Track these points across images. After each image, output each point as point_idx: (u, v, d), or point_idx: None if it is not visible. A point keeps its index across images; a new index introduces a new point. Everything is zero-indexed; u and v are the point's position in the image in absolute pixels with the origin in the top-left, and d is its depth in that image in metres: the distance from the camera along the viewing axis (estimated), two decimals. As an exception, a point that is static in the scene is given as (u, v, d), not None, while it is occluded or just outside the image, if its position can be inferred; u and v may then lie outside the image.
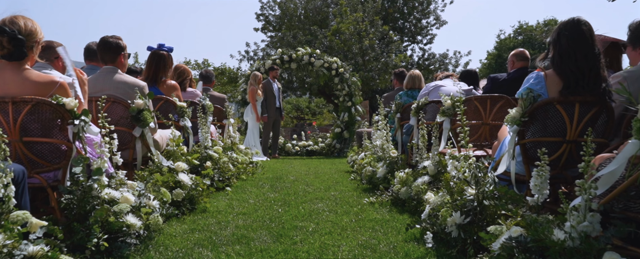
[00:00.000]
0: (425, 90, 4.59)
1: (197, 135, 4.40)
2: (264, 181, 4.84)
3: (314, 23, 24.41)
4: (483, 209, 2.27)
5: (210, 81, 6.04)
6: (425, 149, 3.57)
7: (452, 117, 3.36)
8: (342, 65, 9.86)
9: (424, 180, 3.25)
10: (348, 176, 5.34)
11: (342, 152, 9.81)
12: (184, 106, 3.98)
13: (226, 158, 4.29)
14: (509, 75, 4.24)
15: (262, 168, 5.77)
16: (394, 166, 4.08)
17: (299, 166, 7.03)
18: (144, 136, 3.16)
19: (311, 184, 4.68)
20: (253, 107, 8.60)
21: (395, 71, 6.01)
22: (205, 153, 4.07)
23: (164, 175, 3.07)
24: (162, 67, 4.06)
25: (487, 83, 4.34)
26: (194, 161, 3.57)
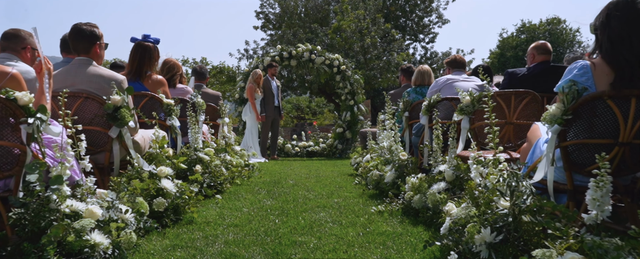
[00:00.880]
0: (435, 86, 4.20)
1: (186, 136, 4.01)
2: (261, 185, 4.45)
3: (315, 21, 24.02)
4: (519, 226, 1.88)
5: (204, 77, 5.66)
6: (440, 151, 3.18)
7: (471, 116, 2.97)
8: (344, 62, 9.48)
9: (440, 187, 2.87)
10: (352, 180, 4.95)
11: (344, 153, 9.42)
12: (172, 104, 3.60)
13: (218, 161, 3.91)
14: (529, 70, 3.85)
15: (259, 171, 5.39)
16: (404, 170, 3.70)
17: (299, 168, 6.64)
18: (122, 137, 2.77)
19: (312, 189, 4.29)
20: (252, 106, 8.21)
21: (402, 67, 5.61)
22: (194, 156, 3.69)
23: (144, 182, 2.69)
24: (147, 60, 3.68)
25: (504, 79, 3.95)
26: (181, 164, 3.19)
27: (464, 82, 4.04)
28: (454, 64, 4.48)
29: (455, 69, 4.45)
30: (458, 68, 4.45)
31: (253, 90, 8.10)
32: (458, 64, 4.47)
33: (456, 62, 4.47)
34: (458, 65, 4.48)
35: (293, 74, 21.20)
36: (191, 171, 3.58)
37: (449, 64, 4.52)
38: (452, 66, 4.50)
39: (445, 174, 2.85)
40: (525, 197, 1.86)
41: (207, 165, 3.75)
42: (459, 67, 4.46)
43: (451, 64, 4.50)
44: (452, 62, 4.50)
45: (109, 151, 2.78)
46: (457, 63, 4.46)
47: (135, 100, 3.56)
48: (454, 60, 4.50)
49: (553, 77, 3.71)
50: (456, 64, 4.47)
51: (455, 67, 4.46)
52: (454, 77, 4.17)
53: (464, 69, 4.46)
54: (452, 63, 4.50)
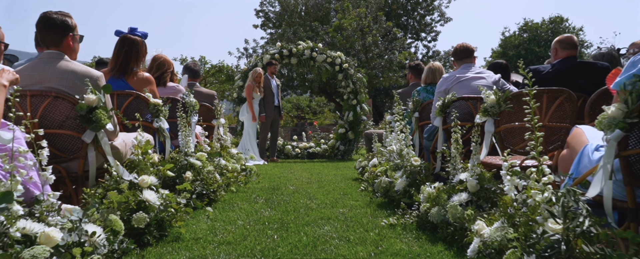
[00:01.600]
0: (443, 83, 3.81)
1: (177, 139, 3.66)
2: (258, 192, 4.09)
3: (315, 19, 23.65)
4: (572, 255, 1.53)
5: (198, 75, 5.29)
6: (459, 157, 2.82)
7: (496, 118, 2.61)
8: (347, 60, 9.11)
9: (461, 199, 2.51)
10: (357, 186, 4.59)
11: (346, 154, 9.06)
12: (159, 104, 3.24)
13: (211, 167, 3.55)
14: (553, 66, 3.49)
15: (257, 175, 5.03)
16: (417, 177, 3.34)
17: (300, 171, 6.28)
18: (98, 142, 2.42)
19: (314, 196, 3.94)
20: (249, 106, 7.86)
21: (411, 64, 5.25)
22: (185, 161, 3.33)
23: (122, 193, 2.33)
24: (134, 55, 3.32)
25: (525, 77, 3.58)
26: (168, 172, 2.83)
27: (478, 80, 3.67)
28: (460, 55, 3.94)
29: (463, 61, 3.93)
30: (466, 58, 3.93)
31: (252, 89, 7.75)
32: (465, 54, 3.93)
33: (462, 51, 3.93)
34: (465, 54, 3.93)
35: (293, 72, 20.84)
36: (181, 179, 3.22)
37: (455, 55, 3.99)
38: (459, 57, 3.95)
39: (468, 185, 2.50)
40: (581, 219, 1.50)
41: (198, 171, 3.39)
42: (466, 56, 3.92)
43: (458, 55, 3.96)
44: (458, 52, 3.95)
45: (83, 158, 2.42)
46: (463, 53, 3.93)
47: (118, 99, 3.21)
48: (459, 50, 3.95)
49: (581, 75, 3.35)
50: (463, 54, 3.93)
51: (463, 58, 3.93)
52: (463, 73, 3.78)
53: (472, 59, 3.95)
54: (459, 53, 3.95)
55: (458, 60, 3.97)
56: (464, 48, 3.92)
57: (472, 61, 3.88)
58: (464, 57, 3.94)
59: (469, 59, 3.92)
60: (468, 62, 3.92)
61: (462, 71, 3.81)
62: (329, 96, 24.87)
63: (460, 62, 3.94)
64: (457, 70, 3.87)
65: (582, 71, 3.40)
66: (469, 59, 3.93)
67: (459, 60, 3.94)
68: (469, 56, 3.93)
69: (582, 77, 3.36)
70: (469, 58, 3.91)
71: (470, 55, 3.91)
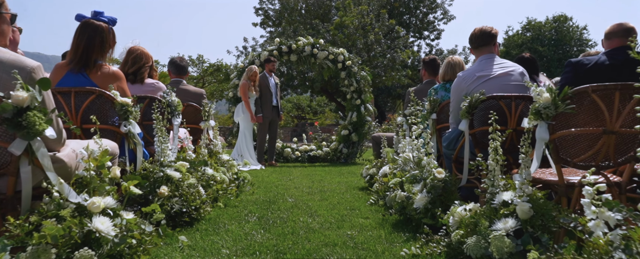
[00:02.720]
0: (462, 81, 3.16)
1: (153, 145, 3.08)
2: (251, 207, 3.51)
3: (316, 17, 23.07)
4: None
5: (184, 71, 4.70)
6: (499, 171, 2.24)
7: (550, 122, 2.03)
8: (350, 57, 8.53)
9: (507, 226, 1.93)
10: (365, 197, 4.01)
11: (349, 158, 8.48)
12: (128, 104, 2.66)
13: (194, 179, 2.97)
14: (600, 58, 2.90)
15: (252, 185, 4.45)
16: (441, 193, 2.76)
17: (300, 178, 5.70)
18: (34, 154, 1.84)
19: (317, 212, 3.36)
20: (245, 105, 7.28)
21: (425, 59, 4.67)
22: (159, 173, 2.75)
23: (63, 222, 1.75)
24: (97, 45, 2.74)
25: (566, 71, 3.00)
26: (133, 189, 2.25)
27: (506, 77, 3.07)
28: (479, 41, 3.21)
29: (482, 49, 3.23)
30: (485, 46, 3.22)
31: (246, 88, 7.17)
32: (485, 39, 3.19)
33: (481, 37, 3.19)
34: (485, 40, 3.20)
35: (293, 70, 20.24)
36: (156, 195, 2.64)
37: (473, 41, 3.27)
38: (477, 43, 3.23)
39: (518, 209, 1.91)
40: None
41: (177, 185, 2.81)
42: (486, 43, 3.21)
43: (476, 42, 3.24)
44: (477, 38, 3.22)
45: (13, 174, 1.84)
46: (482, 38, 3.19)
47: (77, 98, 2.63)
48: (477, 36, 3.22)
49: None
50: (482, 40, 3.20)
51: (482, 45, 3.22)
52: (484, 69, 3.14)
53: (493, 47, 3.23)
54: (477, 39, 3.22)
55: (476, 48, 3.28)
56: (483, 33, 3.22)
57: (493, 50, 3.23)
58: (482, 45, 3.23)
59: (490, 47, 3.23)
60: (488, 53, 3.24)
61: (482, 66, 3.16)
62: (330, 96, 24.29)
63: (478, 50, 3.27)
64: (475, 65, 3.23)
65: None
66: (488, 46, 3.23)
67: (478, 49, 3.27)
68: (489, 43, 3.22)
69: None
70: (489, 45, 3.22)
71: (491, 42, 3.22)
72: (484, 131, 3.01)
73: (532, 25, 39.14)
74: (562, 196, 2.10)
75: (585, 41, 37.77)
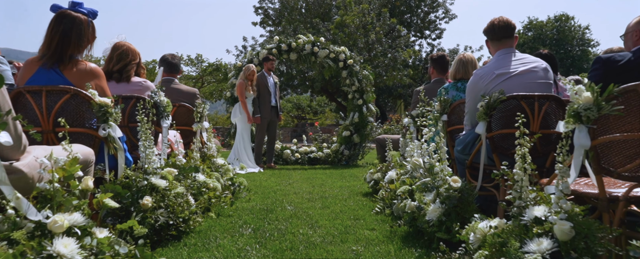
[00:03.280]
0: (479, 79, 2.86)
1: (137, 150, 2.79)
2: (247, 217, 3.22)
3: (316, 16, 22.78)
4: None
5: (176, 69, 4.40)
6: (528, 180, 1.95)
7: (591, 125, 1.74)
8: (351, 56, 8.24)
9: (542, 248, 1.65)
10: (370, 205, 3.73)
11: (351, 160, 8.19)
12: (108, 104, 2.38)
13: (183, 187, 2.68)
14: (635, 53, 2.62)
15: (248, 191, 4.17)
16: (457, 204, 2.47)
17: (300, 182, 5.42)
18: (-15, 164, 1.55)
19: (318, 223, 3.07)
20: (242, 106, 6.99)
21: (433, 56, 4.38)
22: (143, 182, 2.46)
23: (15, 247, 1.47)
24: (74, 38, 2.46)
25: (595, 68, 2.71)
26: (109, 202, 1.97)
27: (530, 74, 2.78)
28: (498, 33, 2.89)
29: (502, 42, 2.90)
30: (505, 39, 2.88)
31: (243, 87, 6.89)
32: (504, 32, 2.86)
33: (500, 29, 2.87)
34: (504, 33, 2.87)
35: (293, 69, 19.94)
36: (138, 207, 2.36)
37: (490, 33, 2.94)
38: (495, 36, 2.90)
39: (557, 229, 1.63)
40: None
41: (163, 195, 2.52)
42: (505, 36, 2.88)
43: (494, 34, 2.91)
44: (495, 30, 2.90)
45: (-41, 188, 1.55)
46: (502, 31, 2.87)
47: (49, 98, 2.35)
48: (496, 28, 2.88)
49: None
50: (501, 32, 2.87)
51: (501, 38, 2.88)
52: (502, 65, 2.83)
53: (512, 41, 2.91)
54: (496, 32, 2.89)
55: (494, 41, 2.95)
56: (503, 24, 2.89)
57: (512, 44, 2.91)
58: (502, 37, 2.91)
59: (509, 41, 2.92)
60: (508, 46, 2.91)
61: (501, 62, 2.86)
62: (331, 96, 24.00)
63: (497, 44, 2.94)
64: (493, 62, 2.92)
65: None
66: (508, 39, 2.91)
67: (496, 41, 2.94)
68: (508, 36, 2.90)
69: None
70: (509, 39, 2.91)
71: (510, 35, 2.90)
72: (503, 135, 2.73)
73: (533, 24, 38.91)
74: (603, 211, 1.82)
75: (587, 41, 37.49)
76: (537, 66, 2.77)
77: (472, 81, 2.88)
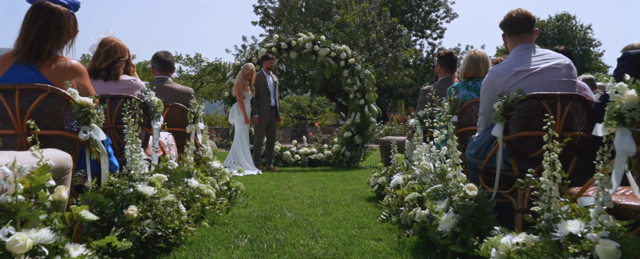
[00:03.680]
0: (496, 77, 2.63)
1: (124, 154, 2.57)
2: (243, 226, 3.00)
3: (316, 15, 22.55)
4: None
5: (170, 68, 4.17)
6: (557, 191, 1.73)
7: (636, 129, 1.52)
8: (353, 54, 8.02)
9: (580, 270, 1.43)
10: (375, 211, 3.51)
11: (353, 161, 7.97)
12: (89, 104, 2.16)
13: (173, 195, 2.45)
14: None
15: (246, 196, 3.95)
16: (473, 214, 2.25)
17: (300, 184, 5.20)
18: None
19: (319, 232, 2.85)
20: (239, 106, 6.77)
21: (440, 54, 4.15)
22: (128, 189, 2.24)
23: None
24: (53, 32, 2.24)
25: (623, 64, 2.50)
26: (86, 214, 1.75)
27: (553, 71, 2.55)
28: (517, 27, 2.62)
29: (521, 36, 2.64)
30: (524, 32, 2.63)
31: (241, 87, 6.67)
32: (523, 25, 2.61)
33: (519, 22, 2.61)
34: (523, 26, 2.61)
35: (292, 68, 19.71)
36: (122, 218, 2.14)
37: (507, 27, 2.68)
38: (514, 29, 2.64)
39: (600, 250, 1.41)
40: None
41: (151, 204, 2.30)
42: (525, 29, 2.62)
43: (512, 28, 2.65)
44: (514, 23, 2.63)
45: None
46: (521, 24, 2.60)
47: (23, 97, 2.13)
48: (515, 21, 2.62)
49: None
50: (520, 26, 2.61)
51: (520, 32, 2.63)
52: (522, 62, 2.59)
53: (532, 34, 2.66)
54: (515, 25, 2.63)
55: (512, 35, 2.69)
56: (522, 17, 2.63)
57: (532, 38, 2.66)
58: (520, 31, 2.65)
59: (529, 35, 2.66)
60: (527, 41, 2.66)
61: (520, 59, 2.62)
62: (331, 96, 23.78)
63: (515, 38, 2.69)
64: (511, 58, 2.68)
65: None
66: (527, 33, 2.66)
67: (514, 36, 2.69)
68: (528, 29, 2.64)
69: None
70: (529, 33, 2.65)
71: (530, 28, 2.65)
72: (522, 138, 2.51)
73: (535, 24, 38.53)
74: (647, 227, 1.60)
75: (589, 40, 37.27)
76: (559, 62, 2.54)
77: (488, 79, 2.65)
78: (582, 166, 2.45)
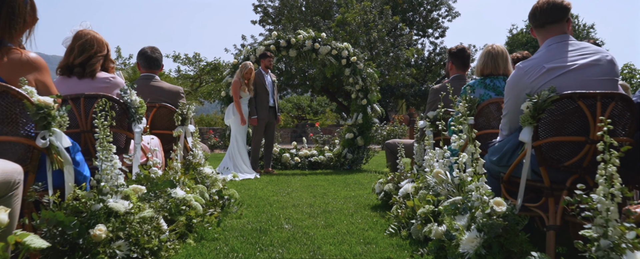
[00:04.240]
0: (526, 75, 2.28)
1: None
2: (235, 243, 2.67)
3: (317, 14, 22.21)
4: None
5: (156, 65, 3.81)
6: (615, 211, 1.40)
7: None
8: (355, 52, 7.69)
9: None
10: (381, 222, 3.17)
11: (355, 164, 7.64)
12: (48, 105, 1.83)
13: (151, 210, 2.12)
14: None
15: (239, 204, 3.61)
16: (501, 233, 1.92)
17: (299, 190, 4.87)
18: None
19: (320, 249, 2.52)
20: (235, 106, 6.44)
21: (452, 50, 3.82)
22: (97, 206, 1.91)
23: None
24: (5, 19, 1.91)
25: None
26: (32, 242, 1.42)
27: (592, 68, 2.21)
28: (548, 17, 2.28)
29: (552, 27, 2.29)
30: (556, 22, 2.28)
31: (238, 86, 6.34)
32: (555, 14, 2.26)
33: (549, 10, 2.27)
34: (555, 16, 2.27)
35: (292, 67, 19.36)
36: (88, 240, 1.81)
37: (538, 18, 2.32)
38: (544, 19, 2.30)
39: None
40: None
41: (124, 221, 1.97)
42: (556, 19, 2.27)
43: (542, 18, 2.30)
44: (543, 13, 2.29)
45: None
46: (552, 13, 2.26)
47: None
48: (544, 10, 2.29)
49: None
50: (552, 15, 2.27)
51: (553, 22, 2.28)
52: (556, 57, 2.25)
53: (566, 25, 2.30)
54: (544, 15, 2.29)
55: (540, 27, 2.34)
56: (549, 5, 2.28)
57: (565, 29, 2.30)
58: (545, 22, 2.30)
59: (558, 26, 2.29)
60: (558, 33, 2.29)
61: (553, 54, 2.21)
62: (332, 95, 23.44)
63: (542, 31, 2.34)
64: (542, 53, 2.29)
65: None
66: (556, 24, 2.29)
67: (544, 28, 2.33)
68: (556, 19, 2.27)
69: None
70: (558, 23, 2.29)
71: (559, 18, 2.28)
72: (554, 144, 2.18)
73: (537, 23, 38.31)
74: None
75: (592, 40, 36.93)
76: (600, 58, 2.20)
77: (514, 76, 2.31)
78: (626, 177, 2.12)
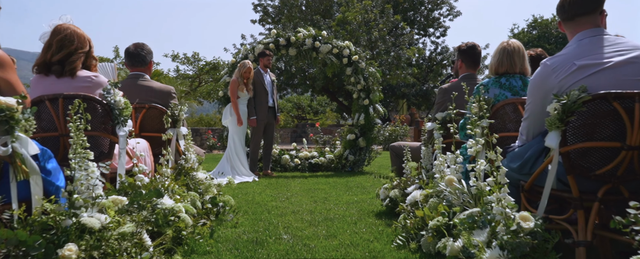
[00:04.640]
0: (554, 73, 2.02)
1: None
2: (227, 255, 2.43)
3: (317, 13, 21.97)
4: None
5: (144, 62, 3.56)
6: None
7: None
8: (356, 51, 7.45)
9: None
10: (387, 232, 2.94)
11: (356, 166, 7.41)
12: (10, 107, 1.60)
13: (132, 225, 1.89)
14: None
15: (235, 212, 3.38)
16: (528, 253, 1.69)
17: (300, 195, 4.64)
18: None
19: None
20: (232, 106, 6.20)
21: (461, 47, 3.58)
22: (68, 221, 1.68)
23: None
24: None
25: None
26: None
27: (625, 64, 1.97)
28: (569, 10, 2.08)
29: (582, 20, 2.07)
30: (588, 14, 2.05)
31: (236, 86, 6.10)
32: (586, 6, 2.04)
33: (572, 3, 2.06)
34: (585, 7, 2.04)
35: (292, 66, 19.12)
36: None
37: (565, 11, 2.10)
38: (567, 14, 2.10)
39: None
40: None
41: (100, 238, 1.74)
42: (587, 11, 2.05)
43: (570, 10, 2.08)
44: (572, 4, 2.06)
45: None
46: (574, 6, 2.05)
47: None
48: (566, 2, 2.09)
49: None
50: (581, 7, 2.04)
51: (581, 14, 2.06)
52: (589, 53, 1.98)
53: (599, 18, 2.08)
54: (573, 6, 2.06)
55: (569, 19, 2.11)
56: None
57: (597, 22, 2.06)
58: (584, 13, 2.06)
59: (590, 18, 2.06)
60: (589, 26, 2.06)
61: (585, 49, 1.99)
62: (332, 95, 23.21)
63: (571, 25, 2.11)
64: (573, 48, 2.04)
65: None
66: (587, 16, 2.05)
67: (570, 21, 2.10)
68: (587, 11, 2.05)
69: None
70: (590, 15, 2.05)
71: (591, 9, 2.05)
72: (585, 150, 1.95)
73: (538, 22, 38.26)
74: None
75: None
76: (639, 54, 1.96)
77: (540, 75, 2.07)
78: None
